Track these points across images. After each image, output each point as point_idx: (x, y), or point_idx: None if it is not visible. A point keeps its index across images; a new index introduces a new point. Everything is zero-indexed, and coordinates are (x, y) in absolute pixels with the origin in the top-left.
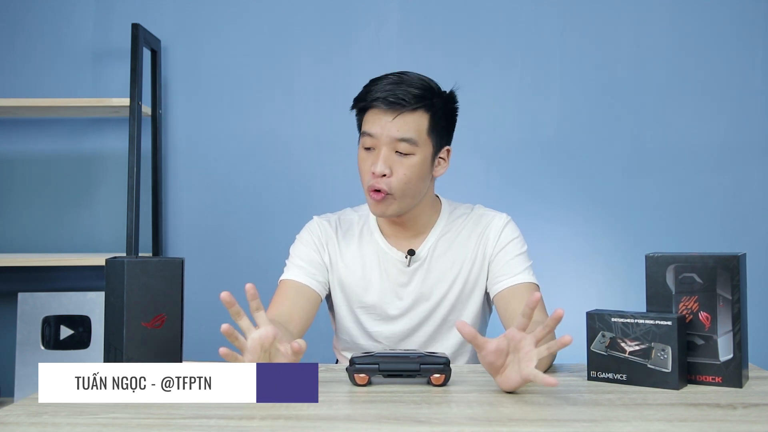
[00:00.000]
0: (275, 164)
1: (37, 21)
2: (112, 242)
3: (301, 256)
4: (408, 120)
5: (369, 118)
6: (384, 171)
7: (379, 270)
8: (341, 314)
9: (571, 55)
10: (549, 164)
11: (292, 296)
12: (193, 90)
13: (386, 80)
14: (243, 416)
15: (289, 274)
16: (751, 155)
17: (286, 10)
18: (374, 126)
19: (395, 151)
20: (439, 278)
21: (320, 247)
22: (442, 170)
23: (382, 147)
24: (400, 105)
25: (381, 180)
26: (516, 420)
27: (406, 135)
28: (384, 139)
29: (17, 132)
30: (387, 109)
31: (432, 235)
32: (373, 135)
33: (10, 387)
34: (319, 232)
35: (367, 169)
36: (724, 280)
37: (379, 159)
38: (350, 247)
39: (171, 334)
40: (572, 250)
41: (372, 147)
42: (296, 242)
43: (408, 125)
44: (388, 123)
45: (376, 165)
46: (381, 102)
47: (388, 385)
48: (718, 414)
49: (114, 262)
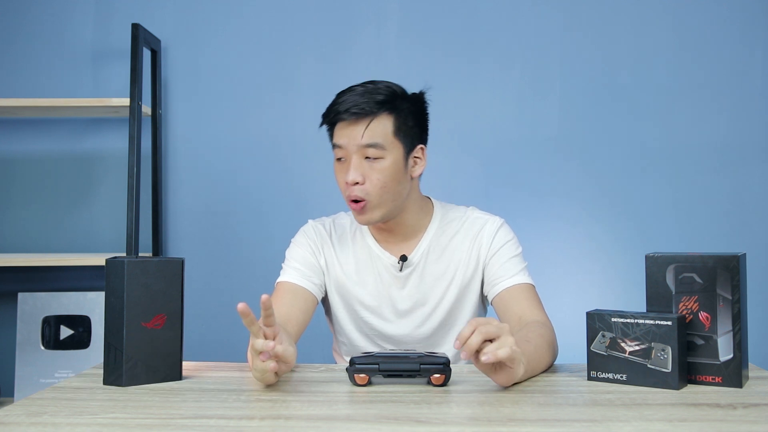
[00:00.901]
0: (275, 164)
1: (37, 21)
2: (112, 242)
3: (297, 259)
4: (372, 126)
5: (337, 131)
6: (356, 178)
7: (373, 274)
8: (339, 317)
9: (571, 55)
10: (549, 164)
11: (289, 298)
12: (193, 90)
13: (351, 92)
14: (243, 416)
15: (285, 276)
16: (751, 155)
17: (286, 10)
18: (341, 137)
19: (365, 157)
20: (434, 283)
21: (316, 250)
22: (420, 169)
23: (351, 156)
24: (363, 113)
25: (356, 188)
26: (516, 420)
27: (372, 140)
28: (352, 148)
29: (17, 132)
30: (352, 119)
31: (425, 239)
32: (342, 146)
33: (10, 387)
34: (314, 236)
35: (341, 180)
36: (724, 280)
37: (350, 167)
38: (345, 250)
39: (171, 334)
40: (572, 250)
41: (343, 157)
42: (292, 245)
43: (372, 131)
44: (354, 132)
45: (347, 174)
46: (345, 114)
47: (388, 385)
48: (718, 414)
49: (114, 262)
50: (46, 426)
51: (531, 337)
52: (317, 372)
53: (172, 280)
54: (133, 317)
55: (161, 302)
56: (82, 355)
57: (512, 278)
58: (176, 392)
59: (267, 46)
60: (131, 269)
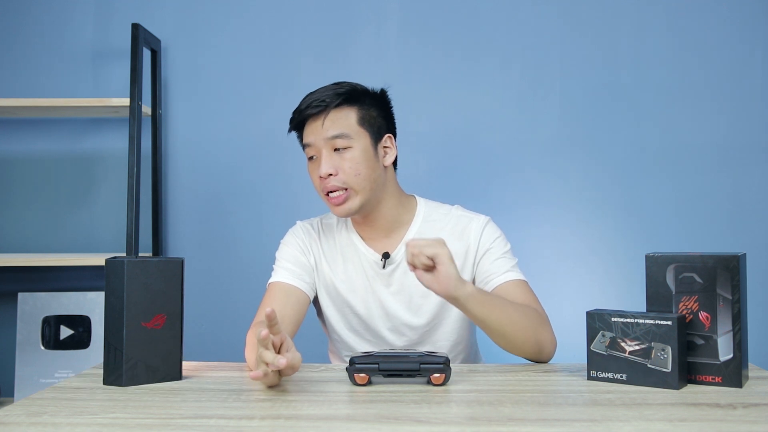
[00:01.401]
0: (275, 164)
1: (37, 21)
2: (112, 242)
3: (288, 259)
4: (335, 118)
5: (305, 131)
6: (329, 170)
7: (360, 271)
8: (330, 316)
9: (571, 55)
10: (548, 164)
11: (281, 298)
12: (193, 90)
13: (312, 93)
14: (243, 416)
15: (276, 276)
16: (751, 155)
17: (286, 9)
18: (308, 135)
19: (333, 149)
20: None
21: (305, 250)
22: (391, 158)
23: (321, 151)
24: (325, 104)
25: (331, 180)
26: (516, 420)
27: (337, 131)
28: (320, 143)
29: (17, 132)
30: (316, 114)
31: (408, 236)
32: (311, 144)
33: (10, 387)
34: (303, 235)
35: (315, 178)
36: (724, 280)
37: (320, 161)
38: (332, 249)
39: (171, 334)
40: (572, 250)
41: (314, 155)
42: (281, 246)
43: (336, 123)
44: (318, 127)
45: (319, 168)
46: (308, 109)
47: (388, 385)
48: (718, 414)
49: (114, 262)
50: (46, 426)
51: (498, 299)
52: (317, 372)
53: (172, 280)
54: (133, 317)
55: (161, 302)
56: (82, 355)
57: (504, 274)
58: (176, 392)
59: (267, 46)
60: (131, 269)
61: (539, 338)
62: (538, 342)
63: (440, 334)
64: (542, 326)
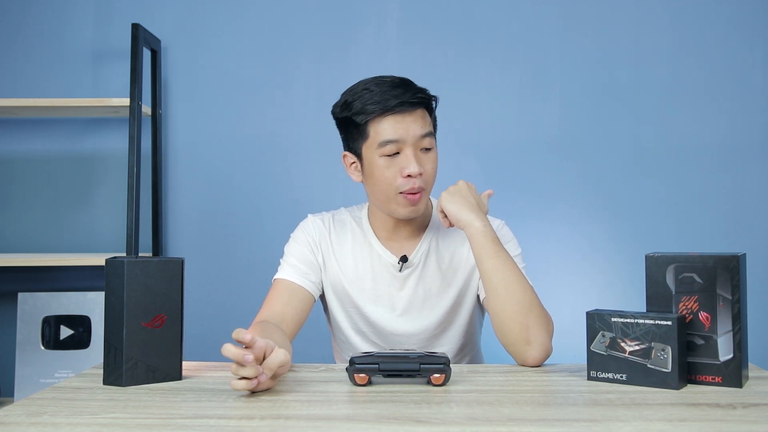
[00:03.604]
0: (275, 164)
1: (37, 21)
2: (112, 242)
3: (296, 255)
4: (424, 114)
5: (386, 125)
6: (420, 170)
7: (371, 273)
8: (336, 315)
9: (571, 55)
10: (549, 164)
11: (285, 296)
12: (193, 90)
13: (388, 84)
14: (243, 416)
15: (282, 273)
16: (751, 155)
17: (286, 10)
18: (397, 130)
19: (420, 148)
20: (433, 284)
21: (314, 247)
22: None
23: (407, 149)
24: (419, 102)
25: (418, 179)
26: (516, 420)
27: (429, 128)
28: (410, 140)
29: (17, 132)
30: (408, 110)
31: (425, 240)
32: (397, 140)
33: (10, 387)
34: (313, 231)
35: (394, 175)
36: (724, 280)
37: (411, 160)
38: (344, 247)
39: (171, 334)
40: (572, 250)
41: (396, 152)
42: (291, 241)
43: (425, 119)
44: (411, 123)
45: (410, 167)
46: (404, 105)
47: (388, 385)
48: (718, 414)
49: (114, 262)
50: (46, 426)
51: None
52: (317, 372)
53: (172, 280)
54: (133, 317)
55: (161, 302)
56: (82, 355)
57: None
58: (176, 392)
59: (267, 46)
60: (131, 269)
61: (530, 324)
62: (528, 327)
63: (448, 338)
64: (538, 317)
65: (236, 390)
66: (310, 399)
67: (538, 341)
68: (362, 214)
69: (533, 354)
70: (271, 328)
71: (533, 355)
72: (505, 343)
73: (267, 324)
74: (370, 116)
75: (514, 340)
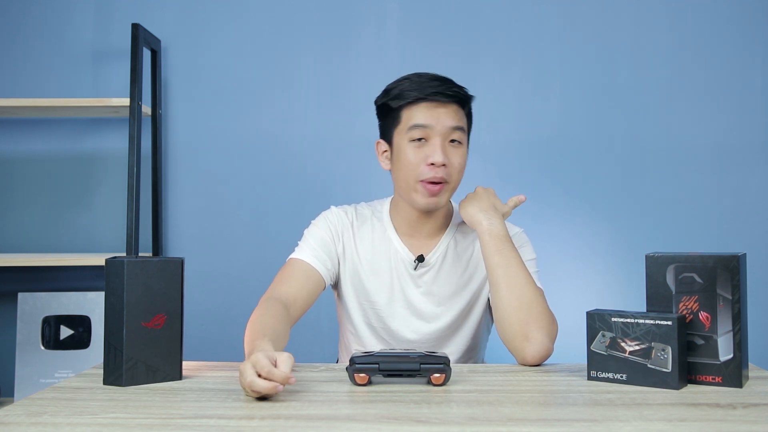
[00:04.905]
0: (275, 164)
1: (37, 21)
2: (112, 242)
3: (316, 239)
4: (457, 110)
5: (418, 111)
6: (444, 161)
7: (389, 268)
8: (350, 306)
9: (571, 55)
10: (549, 164)
11: (301, 278)
12: (193, 90)
13: (427, 76)
14: (243, 416)
15: (299, 253)
16: (751, 155)
17: (286, 10)
18: (428, 117)
19: (449, 140)
20: (448, 285)
21: (335, 236)
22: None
23: (434, 137)
24: (456, 96)
25: (441, 169)
26: (516, 420)
27: (460, 123)
28: (439, 129)
29: (17, 132)
30: (444, 101)
31: (443, 241)
32: (426, 125)
33: (10, 387)
34: (336, 221)
35: (418, 162)
36: (724, 280)
37: (437, 148)
38: (364, 241)
39: (171, 334)
40: (572, 250)
41: (423, 138)
42: (312, 226)
43: (458, 114)
44: (443, 114)
45: (434, 155)
46: (439, 96)
47: (388, 385)
48: (718, 414)
49: (114, 262)
50: (46, 426)
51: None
52: (317, 372)
53: (172, 280)
54: (133, 317)
55: (161, 302)
56: (82, 355)
57: None
58: (176, 392)
59: (267, 46)
60: (131, 269)
61: (529, 320)
62: (527, 323)
63: (456, 341)
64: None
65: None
66: (310, 399)
67: (536, 338)
68: (384, 208)
69: (531, 351)
70: (278, 314)
71: (531, 353)
72: (504, 340)
73: (275, 306)
74: (405, 101)
75: (513, 336)
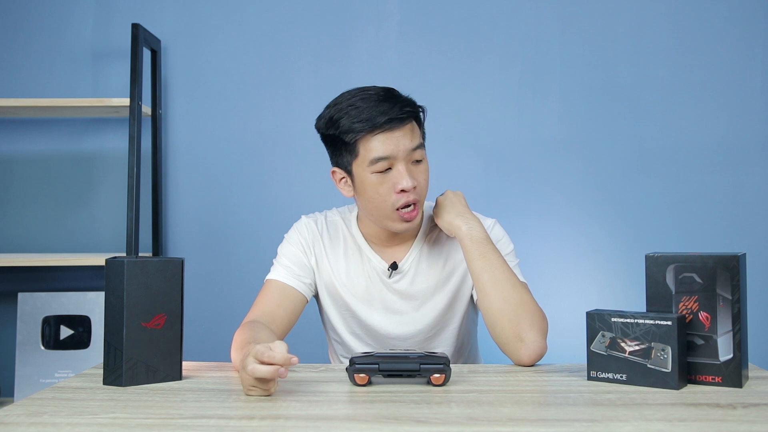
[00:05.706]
0: (275, 164)
1: (37, 21)
2: (112, 242)
3: (288, 257)
4: (413, 127)
5: (376, 142)
6: (413, 183)
7: (364, 277)
8: (330, 316)
9: (571, 55)
10: (548, 164)
11: (276, 297)
12: (193, 90)
13: (373, 98)
14: (243, 416)
15: (274, 274)
16: (751, 155)
17: (286, 10)
18: (388, 147)
19: (411, 161)
20: (426, 287)
21: (307, 249)
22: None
23: (398, 164)
24: (407, 115)
25: (411, 192)
26: (516, 420)
27: (418, 140)
28: (401, 155)
29: (17, 132)
30: (398, 125)
31: (416, 246)
32: (391, 155)
33: (10, 387)
34: (306, 233)
35: (387, 191)
36: (724, 280)
37: (404, 174)
38: (336, 250)
39: (171, 334)
40: (572, 250)
41: (388, 168)
42: (284, 242)
43: (414, 132)
44: (401, 138)
45: (403, 182)
46: (393, 121)
47: (388, 385)
48: (718, 414)
49: (114, 262)
50: (46, 426)
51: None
52: (317, 372)
53: (172, 280)
54: (133, 317)
55: (161, 302)
56: (82, 355)
57: None
58: (176, 392)
59: (267, 46)
60: (131, 269)
61: (521, 321)
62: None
63: (442, 341)
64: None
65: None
66: (310, 399)
67: (530, 338)
68: (352, 218)
69: (526, 352)
70: (260, 327)
71: (527, 353)
72: (498, 343)
73: (256, 324)
74: (359, 135)
75: (506, 339)
